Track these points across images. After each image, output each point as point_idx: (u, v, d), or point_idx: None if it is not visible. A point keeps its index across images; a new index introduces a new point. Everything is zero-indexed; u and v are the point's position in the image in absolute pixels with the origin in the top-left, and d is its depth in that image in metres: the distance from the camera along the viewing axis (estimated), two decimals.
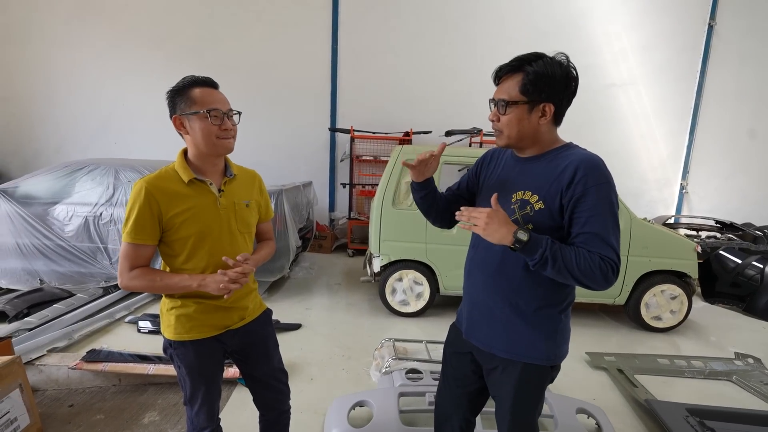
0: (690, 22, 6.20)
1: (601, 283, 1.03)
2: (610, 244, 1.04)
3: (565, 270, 1.02)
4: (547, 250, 1.02)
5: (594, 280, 1.02)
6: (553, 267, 1.02)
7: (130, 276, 1.23)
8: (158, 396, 2.38)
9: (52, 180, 3.91)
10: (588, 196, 1.05)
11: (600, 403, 2.41)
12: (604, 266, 1.02)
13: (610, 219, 1.05)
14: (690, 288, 3.61)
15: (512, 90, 1.10)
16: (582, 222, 1.05)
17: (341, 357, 2.94)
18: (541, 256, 1.02)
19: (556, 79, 1.07)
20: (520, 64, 1.09)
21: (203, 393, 1.36)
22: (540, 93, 1.08)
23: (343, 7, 6.17)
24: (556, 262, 1.02)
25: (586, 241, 1.04)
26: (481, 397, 1.38)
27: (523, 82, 1.08)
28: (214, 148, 1.26)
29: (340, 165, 6.51)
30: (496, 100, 1.14)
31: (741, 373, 2.93)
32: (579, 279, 1.03)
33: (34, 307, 3.19)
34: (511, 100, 1.10)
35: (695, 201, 6.67)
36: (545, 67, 1.06)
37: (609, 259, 1.03)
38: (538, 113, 1.10)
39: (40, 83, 6.49)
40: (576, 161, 1.07)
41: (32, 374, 2.37)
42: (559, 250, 1.03)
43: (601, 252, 1.03)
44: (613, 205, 1.07)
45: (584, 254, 1.03)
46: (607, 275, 1.02)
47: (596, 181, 1.05)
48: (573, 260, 1.02)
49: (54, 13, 6.31)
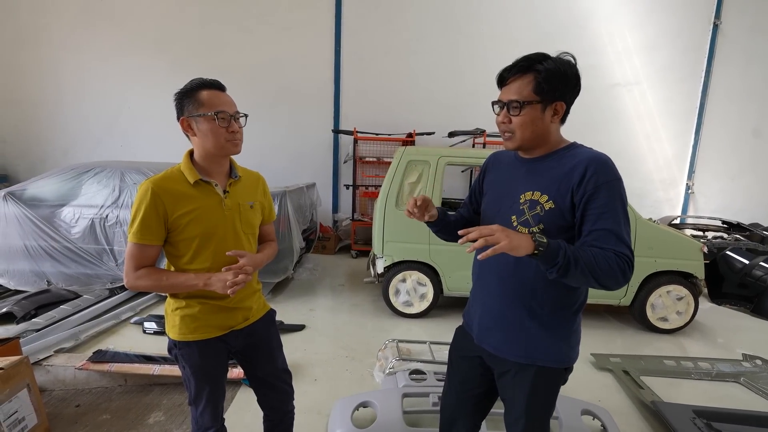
0: (695, 22, 6.16)
1: (620, 281, 1.00)
2: (624, 240, 1.02)
3: (588, 272, 0.97)
4: (567, 250, 0.97)
5: (614, 278, 0.99)
6: (576, 268, 0.96)
7: (136, 276, 1.25)
8: (163, 396, 2.40)
9: (59, 182, 3.95)
10: (600, 193, 1.04)
11: (605, 404, 2.39)
12: (621, 263, 1.00)
13: (622, 215, 1.05)
14: (696, 289, 3.57)
15: (524, 90, 1.07)
16: (594, 219, 1.04)
17: (345, 358, 2.94)
18: (564, 259, 0.96)
19: (568, 76, 1.07)
20: (530, 64, 1.07)
21: (208, 393, 1.37)
22: (554, 92, 1.07)
23: (346, 10, 6.20)
24: (578, 264, 0.97)
25: (599, 238, 1.03)
26: (488, 400, 1.37)
27: (536, 81, 1.06)
28: (222, 149, 1.28)
29: (344, 166, 6.53)
30: (506, 101, 1.10)
31: (749, 374, 2.90)
32: (600, 279, 0.99)
33: (42, 308, 3.24)
34: (525, 100, 1.07)
35: (701, 201, 6.60)
36: (557, 66, 1.06)
37: (623, 255, 1.01)
38: (551, 112, 1.09)
39: (48, 87, 6.58)
40: (585, 160, 1.07)
41: (40, 374, 2.39)
42: (578, 251, 0.99)
43: (615, 248, 1.01)
44: (624, 202, 1.07)
45: (600, 253, 1.00)
46: (625, 271, 1.00)
47: (607, 178, 1.05)
48: (593, 260, 0.98)
49: (62, 18, 6.40)
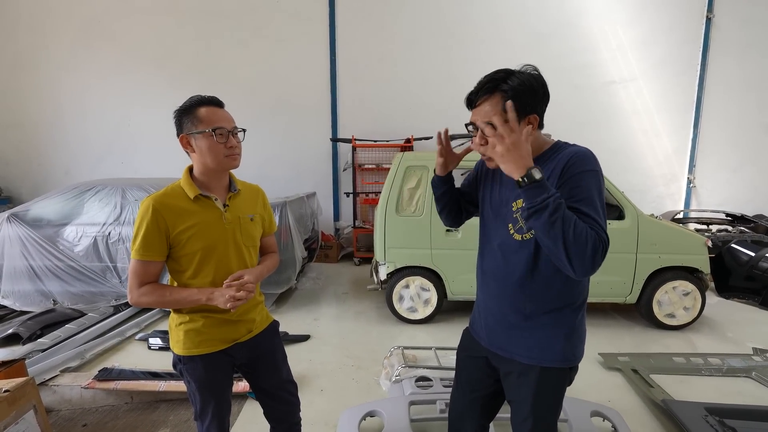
0: (688, 16, 6.17)
1: (587, 260, 0.96)
2: (601, 225, 1.01)
3: (559, 227, 0.94)
4: (552, 197, 0.95)
5: (582, 252, 0.95)
6: (550, 217, 0.94)
7: (140, 292, 1.26)
8: (170, 412, 2.38)
9: (61, 202, 3.98)
10: (575, 180, 1.05)
11: (615, 405, 2.36)
12: (597, 243, 0.97)
13: (599, 204, 1.05)
14: (703, 283, 3.54)
15: (495, 111, 1.07)
16: (570, 204, 1.03)
17: (351, 367, 2.93)
18: (543, 201, 0.95)
19: (535, 89, 1.09)
20: (496, 84, 1.08)
21: (213, 407, 1.37)
22: (525, 107, 1.08)
23: (340, 19, 6.26)
24: (555, 213, 0.94)
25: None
26: (495, 401, 1.37)
27: (504, 101, 1.06)
28: (221, 165, 1.30)
29: (343, 174, 6.55)
30: (479, 124, 1.10)
31: (760, 369, 2.86)
32: (568, 245, 0.95)
33: (47, 328, 3.24)
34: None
35: (704, 195, 6.57)
36: (522, 81, 1.07)
37: (600, 236, 0.98)
38: (525, 126, 1.10)
39: (48, 108, 6.66)
40: (566, 156, 1.09)
41: (46, 395, 2.39)
42: (563, 207, 0.97)
43: (597, 231, 0.99)
44: (601, 193, 1.07)
45: (581, 223, 0.97)
46: (597, 253, 0.96)
47: (584, 167, 1.06)
48: (571, 221, 0.96)
49: (60, 39, 6.49)
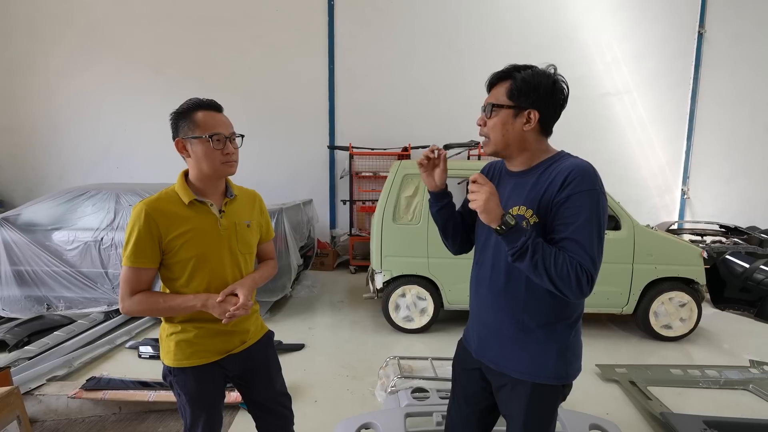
0: (680, 31, 6.31)
1: (575, 291, 1.01)
2: (590, 254, 1.02)
3: (542, 266, 1.00)
4: (530, 239, 1.01)
5: (568, 285, 1.00)
6: (531, 259, 1.01)
7: (132, 301, 1.22)
8: (159, 424, 2.32)
9: (53, 206, 3.93)
10: (573, 201, 1.04)
11: (613, 417, 2.33)
12: (579, 274, 1.00)
13: (595, 228, 1.04)
14: (698, 294, 3.55)
15: (500, 95, 1.13)
16: (563, 228, 1.05)
17: (345, 377, 2.88)
18: (522, 245, 1.01)
19: (542, 86, 1.10)
20: (510, 71, 1.13)
21: (204, 421, 1.32)
22: (525, 99, 1.10)
23: (339, 28, 6.32)
24: (535, 255, 1.01)
25: (567, 248, 1.03)
26: (491, 416, 1.35)
27: (509, 87, 1.11)
28: (217, 171, 1.26)
29: (340, 182, 6.54)
30: (485, 105, 1.17)
31: (757, 381, 2.85)
32: (553, 280, 1.01)
33: (35, 335, 3.16)
34: (497, 103, 1.13)
35: (697, 206, 6.64)
36: (532, 75, 1.10)
37: (584, 267, 1.01)
38: (523, 119, 1.12)
39: (43, 112, 6.62)
40: (566, 169, 1.08)
41: (31, 405, 2.32)
42: (541, 245, 1.02)
43: (580, 260, 1.01)
44: (599, 215, 1.05)
45: (564, 256, 1.01)
46: (582, 284, 1.00)
47: (583, 187, 1.04)
48: (551, 258, 1.01)
49: (57, 44, 6.48)
